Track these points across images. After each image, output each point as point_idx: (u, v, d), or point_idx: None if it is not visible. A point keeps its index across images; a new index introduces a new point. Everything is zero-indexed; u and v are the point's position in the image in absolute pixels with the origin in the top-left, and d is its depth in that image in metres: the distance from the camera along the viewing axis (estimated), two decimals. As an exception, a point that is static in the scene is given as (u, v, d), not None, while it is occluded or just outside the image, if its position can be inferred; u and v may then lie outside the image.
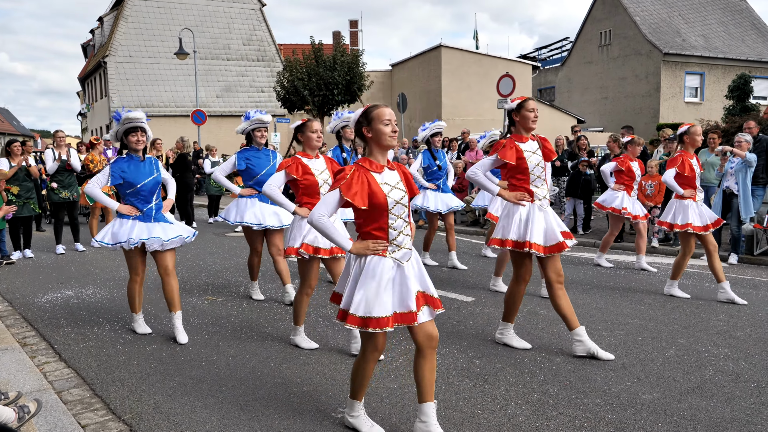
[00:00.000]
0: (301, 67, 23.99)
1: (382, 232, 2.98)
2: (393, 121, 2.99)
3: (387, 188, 2.97)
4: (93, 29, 36.50)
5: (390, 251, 2.99)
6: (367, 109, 3.03)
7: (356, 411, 3.25)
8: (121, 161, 4.77)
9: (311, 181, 4.50)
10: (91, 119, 38.27)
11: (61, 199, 9.11)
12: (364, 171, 2.96)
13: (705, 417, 3.38)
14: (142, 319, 5.10)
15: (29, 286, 6.92)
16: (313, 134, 4.58)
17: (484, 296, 6.19)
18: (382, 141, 2.98)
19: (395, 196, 2.99)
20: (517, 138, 4.42)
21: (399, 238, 3.01)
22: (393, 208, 2.98)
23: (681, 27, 30.23)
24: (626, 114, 28.96)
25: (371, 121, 2.98)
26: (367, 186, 2.92)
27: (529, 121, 4.37)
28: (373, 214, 2.96)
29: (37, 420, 3.30)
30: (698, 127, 6.12)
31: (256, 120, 5.71)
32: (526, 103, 4.39)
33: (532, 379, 3.96)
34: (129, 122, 4.71)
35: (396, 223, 3.00)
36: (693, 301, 5.97)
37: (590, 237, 9.96)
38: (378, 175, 2.98)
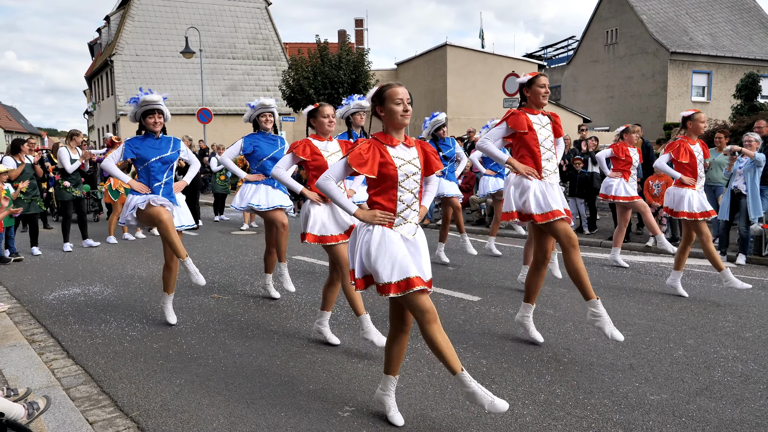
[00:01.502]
0: (306, 66, 24.01)
1: (391, 203, 3.09)
2: (405, 101, 3.07)
3: (399, 162, 3.06)
4: (100, 28, 36.61)
5: (396, 224, 3.09)
6: (381, 89, 3.12)
7: (388, 389, 3.37)
8: (136, 139, 5.02)
9: (321, 162, 4.37)
10: (97, 117, 38.41)
11: (73, 196, 9.21)
12: (378, 144, 3.08)
13: (714, 418, 3.36)
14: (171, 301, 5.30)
15: (37, 284, 6.95)
16: (325, 119, 4.53)
17: (491, 296, 6.17)
18: (394, 119, 3.08)
19: (407, 170, 3.08)
20: (528, 110, 4.46)
21: (406, 212, 3.11)
22: (403, 181, 3.08)
23: (688, 25, 30.08)
24: (632, 113, 28.85)
25: (384, 101, 3.09)
26: (378, 156, 3.03)
27: (540, 96, 4.40)
28: (382, 184, 3.07)
29: (46, 416, 3.32)
30: (703, 114, 6.02)
31: (260, 105, 5.74)
32: (538, 78, 4.42)
33: (539, 379, 3.95)
34: (146, 105, 4.92)
35: (404, 196, 3.10)
36: (701, 301, 5.94)
37: (596, 237, 9.92)
38: (391, 148, 3.09)
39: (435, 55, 28.24)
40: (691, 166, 5.93)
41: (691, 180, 5.93)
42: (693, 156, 5.89)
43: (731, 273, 5.98)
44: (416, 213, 3.17)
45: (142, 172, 5.01)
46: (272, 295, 6.12)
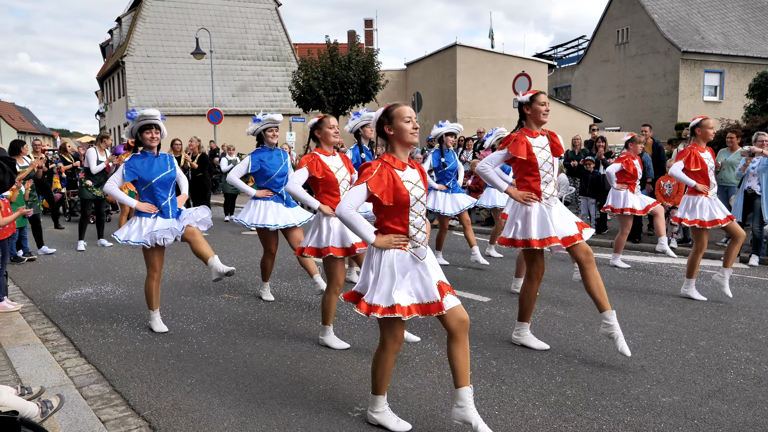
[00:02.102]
0: (316, 67, 24.05)
1: (403, 228, 3.07)
2: (414, 119, 3.07)
3: (409, 186, 3.05)
4: (111, 29, 36.91)
5: (410, 247, 3.09)
6: (388, 108, 3.10)
7: (380, 407, 3.26)
8: (135, 158, 4.90)
9: (331, 178, 4.56)
10: (109, 118, 38.72)
11: (95, 196, 9.37)
12: (389, 168, 3.03)
13: (726, 421, 3.33)
14: (159, 317, 5.15)
15: (49, 283, 7.01)
16: (330, 130, 4.61)
17: (501, 296, 6.16)
18: (404, 138, 3.05)
19: (416, 193, 3.08)
20: (528, 132, 4.38)
21: (418, 235, 3.11)
22: (414, 205, 3.07)
23: (700, 25, 29.83)
24: (644, 113, 28.65)
25: (392, 119, 3.06)
26: (392, 182, 3.00)
27: (540, 114, 4.33)
28: (395, 210, 3.04)
29: (59, 415, 3.35)
30: (711, 120, 5.99)
31: (268, 120, 5.72)
32: (538, 96, 4.36)
33: (549, 380, 3.93)
34: (144, 119, 4.84)
35: (416, 220, 3.10)
36: (713, 303, 5.89)
37: (607, 237, 9.87)
38: (401, 172, 3.06)
39: (445, 56, 28.19)
40: (702, 173, 5.87)
41: (705, 187, 5.86)
42: (704, 163, 5.84)
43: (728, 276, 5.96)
44: (425, 235, 3.16)
45: (146, 192, 4.91)
46: (266, 298, 6.12)
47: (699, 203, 5.88)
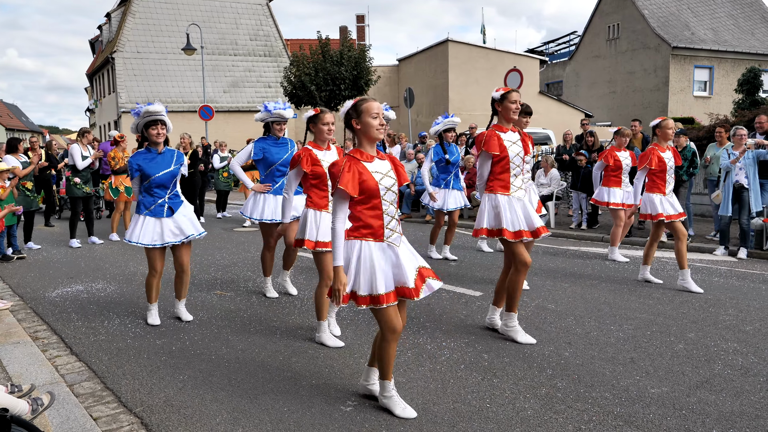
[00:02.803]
0: (308, 63, 23.98)
1: (378, 218, 3.19)
2: (381, 115, 3.18)
3: (378, 176, 3.17)
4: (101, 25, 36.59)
5: (386, 236, 3.21)
6: (357, 102, 3.21)
7: (388, 391, 3.37)
8: (140, 154, 4.91)
9: (319, 172, 4.55)
10: (99, 115, 38.45)
11: (84, 193, 9.29)
12: (355, 161, 3.15)
13: (714, 411, 3.37)
14: (156, 310, 5.19)
15: (39, 281, 6.98)
16: (325, 126, 4.63)
17: (492, 291, 6.17)
18: (370, 133, 3.18)
19: (386, 183, 3.20)
20: (498, 128, 4.58)
21: (392, 224, 3.24)
22: (385, 194, 3.19)
23: (690, 20, 29.98)
24: (634, 108, 28.79)
25: (360, 114, 3.18)
26: (359, 175, 3.11)
27: (510, 112, 4.52)
28: (366, 200, 3.16)
29: (50, 412, 3.34)
30: (670, 120, 6.36)
31: (276, 115, 5.59)
32: (510, 94, 4.51)
33: (540, 373, 3.96)
34: (149, 115, 4.83)
35: (389, 209, 3.22)
36: (702, 295, 5.94)
37: (598, 231, 9.93)
38: (369, 164, 3.18)
39: (437, 51, 28.19)
40: (660, 172, 6.30)
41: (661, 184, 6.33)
42: (663, 162, 6.23)
43: (689, 275, 6.21)
44: (398, 223, 3.29)
45: (145, 187, 4.91)
46: (270, 295, 6.07)
47: (657, 200, 6.33)
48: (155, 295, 5.15)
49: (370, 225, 3.18)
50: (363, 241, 3.17)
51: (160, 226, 4.91)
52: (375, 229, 3.19)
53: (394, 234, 3.25)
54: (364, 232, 3.18)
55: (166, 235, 4.92)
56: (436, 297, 5.94)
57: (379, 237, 3.19)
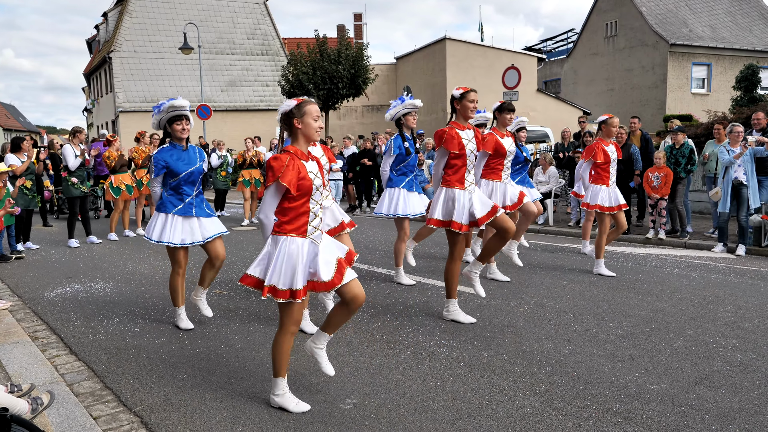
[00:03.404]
0: (305, 61, 23.96)
1: (305, 215, 3.32)
2: (320, 118, 3.38)
3: (312, 176, 3.31)
4: (98, 25, 36.51)
5: (309, 232, 3.33)
6: (301, 103, 3.33)
7: (281, 389, 3.44)
8: (164, 151, 4.72)
9: None
10: (96, 115, 38.38)
11: (81, 193, 9.29)
12: (296, 159, 3.26)
13: (713, 407, 3.38)
14: (184, 313, 5.05)
15: (38, 281, 6.97)
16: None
17: (491, 288, 6.19)
18: (310, 134, 3.34)
19: (317, 183, 3.36)
20: (457, 125, 4.82)
21: (315, 221, 3.38)
22: (314, 194, 3.34)
23: (688, 17, 29.99)
24: (632, 105, 28.80)
25: (303, 115, 3.31)
26: (299, 173, 3.23)
27: (468, 111, 4.78)
28: (299, 198, 3.27)
29: (50, 412, 3.34)
30: (616, 119, 6.80)
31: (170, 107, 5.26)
32: (468, 94, 4.77)
33: (539, 370, 3.97)
34: (174, 110, 4.67)
35: (315, 207, 3.37)
36: (700, 292, 5.96)
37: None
38: (306, 163, 3.31)
39: (434, 49, 28.17)
40: (605, 165, 6.72)
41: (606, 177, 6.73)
42: (607, 155, 6.68)
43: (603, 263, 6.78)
44: (321, 221, 3.45)
45: (173, 186, 4.76)
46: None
47: (601, 191, 6.72)
48: (181, 298, 5.00)
49: (296, 222, 3.29)
50: (287, 236, 3.27)
51: (189, 225, 4.80)
52: (300, 226, 3.30)
53: (317, 232, 3.39)
54: (288, 228, 3.29)
55: (195, 234, 4.80)
56: (435, 295, 5.95)
57: (302, 233, 3.31)
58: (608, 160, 6.70)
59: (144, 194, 10.73)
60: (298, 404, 3.42)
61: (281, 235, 3.29)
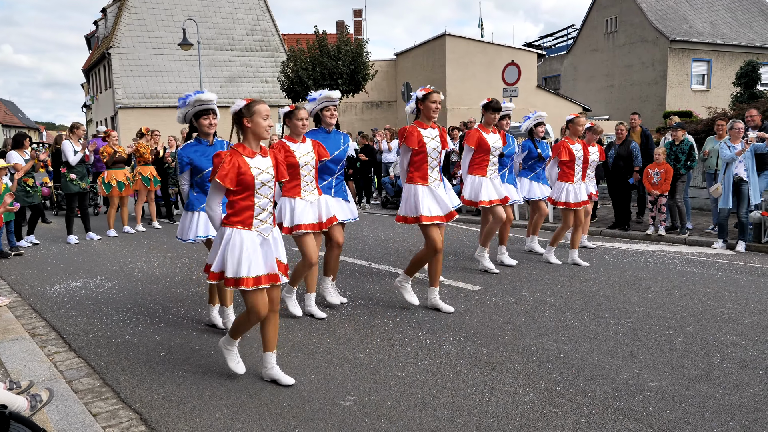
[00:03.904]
0: (305, 57, 23.88)
1: (249, 209, 3.50)
2: (270, 117, 3.54)
3: (256, 171, 3.47)
4: (96, 21, 36.42)
5: (255, 225, 3.52)
6: (250, 103, 3.52)
7: (233, 345, 3.83)
8: (189, 146, 4.54)
9: (292, 162, 4.70)
10: (95, 111, 38.29)
11: (81, 189, 9.26)
12: (237, 155, 3.45)
13: (713, 404, 3.38)
14: (216, 311, 4.93)
15: (37, 277, 6.96)
16: (299, 122, 4.75)
17: (491, 285, 6.19)
18: (259, 132, 3.52)
19: (263, 178, 3.50)
20: (420, 124, 5.05)
21: (263, 215, 3.55)
22: (260, 188, 3.50)
23: (688, 13, 29.93)
24: (632, 102, 28.76)
25: (252, 114, 3.50)
26: (237, 168, 3.40)
27: (431, 111, 5.02)
28: (242, 192, 3.46)
29: (49, 409, 3.33)
30: (582, 118, 7.01)
31: (324, 98, 5.11)
32: (431, 95, 5.00)
33: (539, 366, 3.97)
34: (201, 104, 4.50)
35: (261, 201, 3.53)
36: (700, 288, 5.95)
37: (596, 225, 9.92)
38: (250, 159, 3.48)
39: (434, 45, 28.09)
40: (570, 162, 6.94)
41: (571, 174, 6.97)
42: (572, 154, 6.92)
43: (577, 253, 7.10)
44: (271, 215, 3.61)
45: (198, 183, 4.56)
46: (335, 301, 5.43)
47: (566, 188, 6.96)
48: (216, 295, 4.88)
49: (241, 214, 3.49)
50: (234, 228, 3.48)
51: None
52: (245, 219, 3.50)
53: (264, 224, 3.56)
54: (234, 220, 3.49)
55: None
56: (435, 291, 5.94)
57: (248, 226, 3.50)
58: (573, 158, 6.93)
59: (144, 191, 10.71)
60: (238, 364, 3.81)
61: (228, 227, 3.50)
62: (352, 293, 5.90)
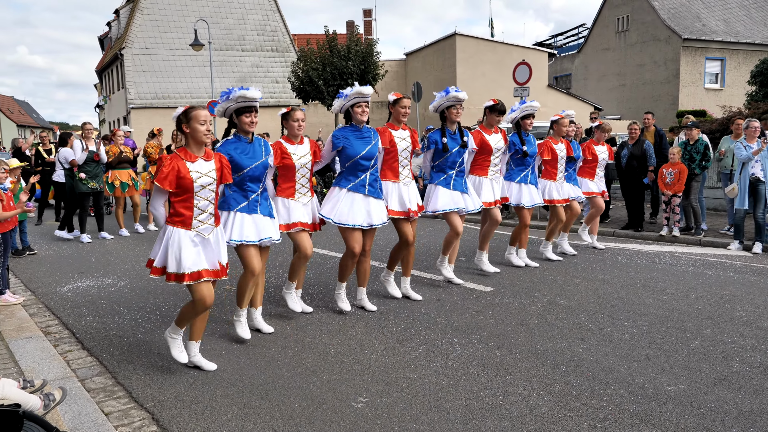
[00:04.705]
0: (315, 57, 23.90)
1: (189, 210, 3.70)
2: (208, 122, 3.69)
3: (196, 175, 3.67)
4: (109, 21, 36.68)
5: (194, 226, 3.72)
6: (187, 110, 3.71)
7: (178, 334, 3.99)
8: (229, 143, 4.33)
9: (288, 164, 4.78)
10: (108, 111, 38.57)
11: (90, 189, 9.29)
12: (178, 159, 3.66)
13: (733, 409, 3.31)
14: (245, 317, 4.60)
15: (51, 276, 7.00)
16: (295, 123, 4.81)
17: (504, 286, 6.14)
18: (197, 137, 3.70)
19: (203, 182, 3.70)
20: (391, 126, 5.34)
21: (202, 216, 3.75)
22: (199, 191, 3.70)
23: (701, 11, 29.62)
24: (644, 101, 28.51)
25: (190, 120, 3.68)
26: (177, 171, 3.61)
27: (400, 115, 5.31)
28: (181, 194, 3.67)
29: (62, 407, 3.33)
30: (566, 119, 7.24)
31: (356, 94, 4.95)
32: (401, 100, 5.30)
33: (553, 369, 3.92)
34: (244, 101, 4.32)
35: (201, 203, 3.73)
36: (717, 291, 5.87)
37: (609, 226, 9.83)
38: (191, 163, 3.67)
39: (444, 45, 28.02)
40: (552, 161, 7.12)
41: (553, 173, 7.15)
42: (555, 153, 7.11)
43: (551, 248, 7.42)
44: (212, 216, 3.81)
45: (236, 182, 4.31)
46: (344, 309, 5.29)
47: (548, 186, 7.17)
48: (247, 299, 4.56)
49: (181, 215, 3.69)
50: (174, 227, 3.69)
51: (253, 222, 4.37)
52: (185, 219, 3.70)
53: (204, 225, 3.76)
54: (175, 219, 3.70)
55: (261, 232, 4.39)
56: (446, 293, 5.91)
57: (188, 226, 3.70)
58: (555, 157, 7.13)
59: None
60: (180, 353, 3.95)
61: (169, 225, 3.72)
62: (364, 294, 5.87)
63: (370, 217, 5.03)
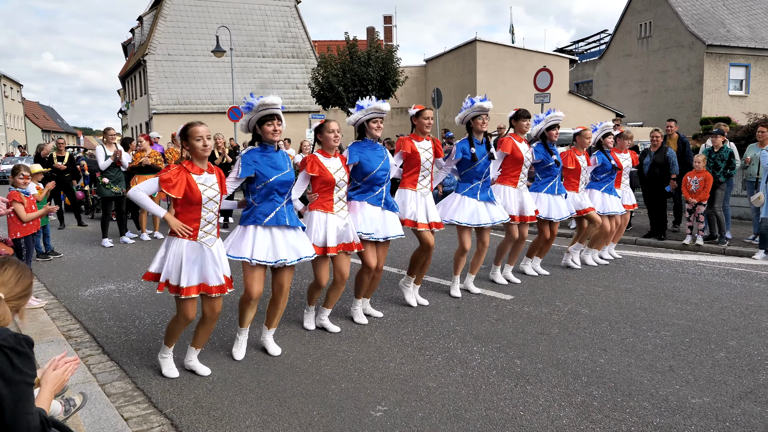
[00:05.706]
0: (335, 64, 24.03)
1: (196, 222, 3.78)
2: (205, 137, 3.77)
3: (203, 188, 3.77)
4: (133, 28, 37.33)
5: (200, 237, 3.79)
6: (185, 127, 3.84)
7: (166, 353, 4.07)
8: (254, 152, 4.15)
9: (328, 178, 4.57)
10: (131, 116, 39.18)
11: (113, 193, 9.42)
12: (185, 171, 3.75)
13: (760, 424, 3.22)
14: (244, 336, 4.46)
15: (73, 280, 7.09)
16: (330, 134, 4.61)
17: (524, 294, 6.07)
18: (196, 153, 3.79)
19: (209, 194, 3.80)
20: (414, 137, 5.37)
21: (208, 227, 3.84)
22: (206, 203, 3.79)
23: (725, 17, 29.20)
24: (667, 108, 28.15)
25: (187, 137, 3.79)
26: (186, 182, 3.71)
27: (424, 126, 5.37)
28: (189, 206, 3.75)
29: (82, 411, 3.36)
30: (589, 131, 7.15)
31: (373, 108, 4.86)
32: (424, 112, 5.36)
33: (575, 380, 3.85)
34: (265, 108, 4.14)
35: (207, 215, 3.82)
36: (742, 301, 5.74)
37: (630, 234, 9.69)
38: (196, 176, 3.78)
39: (464, 51, 27.99)
40: (575, 172, 7.04)
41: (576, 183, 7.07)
42: (578, 163, 7.04)
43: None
44: (215, 228, 3.88)
45: (262, 193, 4.11)
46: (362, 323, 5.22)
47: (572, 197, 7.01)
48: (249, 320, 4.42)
49: (189, 226, 3.75)
50: (178, 239, 3.76)
51: (271, 240, 4.14)
52: (192, 230, 3.77)
53: (209, 236, 3.84)
54: None
55: (279, 251, 4.13)
56: (466, 301, 5.86)
57: (194, 237, 3.77)
58: (578, 167, 7.04)
59: None
60: (171, 370, 4.00)
61: (173, 236, 3.78)
62: (382, 301, 5.86)
63: (386, 229, 4.98)
